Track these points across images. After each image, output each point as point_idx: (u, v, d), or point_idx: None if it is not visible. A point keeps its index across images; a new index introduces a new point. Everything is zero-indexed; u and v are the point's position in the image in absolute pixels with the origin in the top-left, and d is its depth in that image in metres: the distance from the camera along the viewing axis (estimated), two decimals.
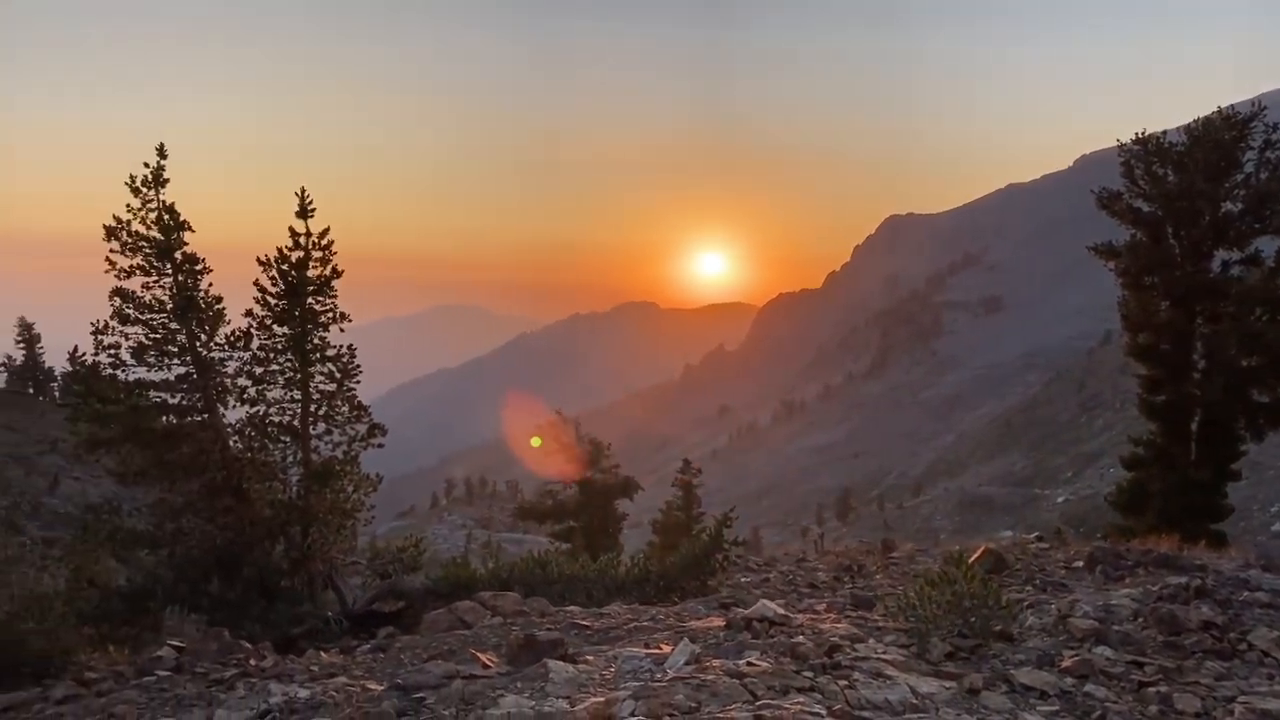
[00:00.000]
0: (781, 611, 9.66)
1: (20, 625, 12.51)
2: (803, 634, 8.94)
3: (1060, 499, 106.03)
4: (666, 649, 8.54)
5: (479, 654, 7.98)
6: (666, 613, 11.58)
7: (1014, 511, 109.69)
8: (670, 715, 6.43)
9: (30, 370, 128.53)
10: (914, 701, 7.13)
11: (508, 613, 12.11)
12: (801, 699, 6.88)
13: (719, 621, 9.98)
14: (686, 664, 7.82)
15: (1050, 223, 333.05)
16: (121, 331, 13.82)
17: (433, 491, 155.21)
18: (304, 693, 7.32)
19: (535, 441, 15.44)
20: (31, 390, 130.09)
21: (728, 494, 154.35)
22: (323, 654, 10.74)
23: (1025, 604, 10.56)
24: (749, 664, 7.71)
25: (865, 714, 6.82)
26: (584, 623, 10.68)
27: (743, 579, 18.15)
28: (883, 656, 8.15)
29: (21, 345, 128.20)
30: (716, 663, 7.79)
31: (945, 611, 9.01)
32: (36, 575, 16.57)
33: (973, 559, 13.25)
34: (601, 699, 6.70)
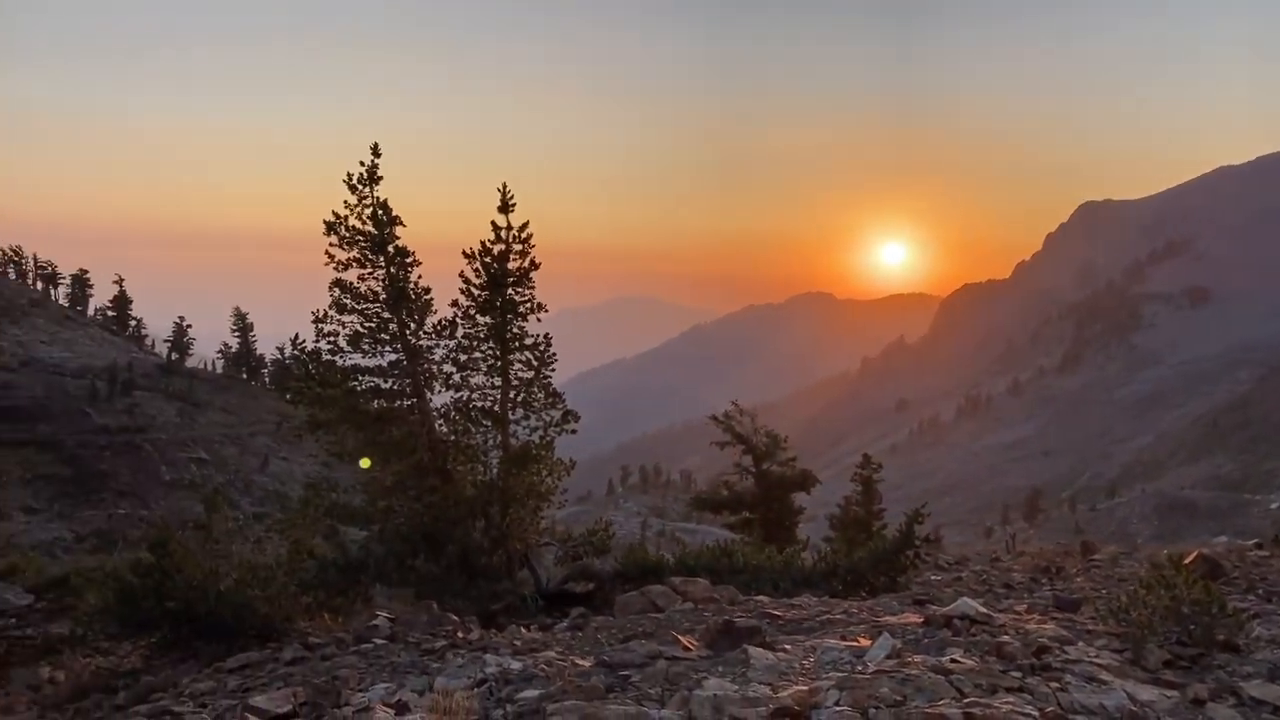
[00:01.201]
0: (983, 610, 9.41)
1: (247, 591, 13.60)
2: (1007, 634, 8.69)
3: (1275, 505, 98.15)
4: (864, 642, 8.48)
5: (680, 637, 8.16)
6: (859, 607, 11.47)
7: (1220, 517, 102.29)
8: (875, 707, 6.41)
9: (244, 357, 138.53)
10: (1132, 709, 6.82)
11: (698, 599, 12.29)
12: (1011, 699, 6.71)
13: (915, 618, 9.81)
14: (887, 658, 7.75)
15: (1267, 209, 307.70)
16: (339, 320, 14.81)
17: (609, 478, 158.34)
18: (516, 665, 7.68)
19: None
20: (245, 375, 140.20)
21: (907, 491, 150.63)
22: (523, 629, 11.22)
23: (1249, 613, 9.90)
24: (953, 661, 7.57)
25: (1079, 718, 6.59)
26: (775, 612, 10.71)
27: (933, 577, 17.75)
28: (1095, 660, 7.83)
29: (237, 334, 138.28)
30: (918, 658, 7.68)
31: (1162, 617, 8.56)
32: (254, 546, 17.90)
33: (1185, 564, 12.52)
34: (805, 687, 6.74)
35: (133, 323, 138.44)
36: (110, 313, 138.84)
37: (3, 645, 16.10)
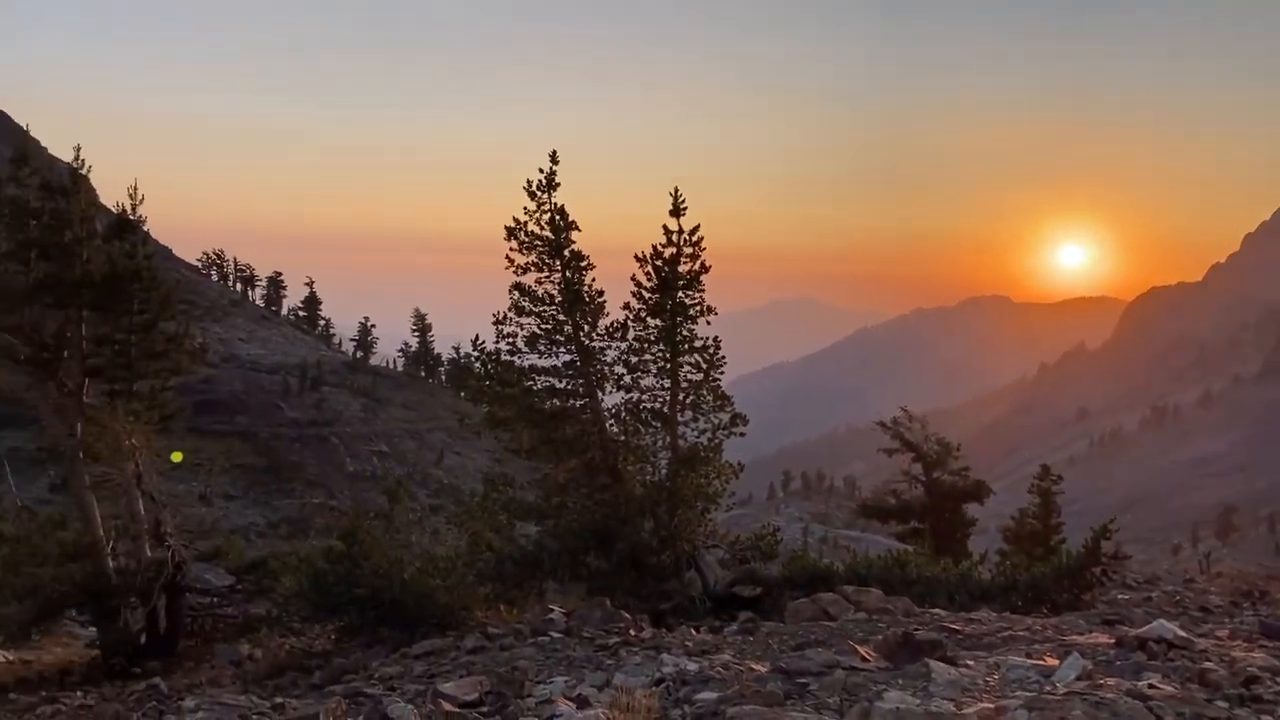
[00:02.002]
0: (1182, 634, 8.85)
1: (428, 581, 14.21)
2: (1210, 660, 8.15)
3: None
4: (1051, 661, 8.12)
5: (857, 646, 8.03)
6: (1043, 624, 10.99)
7: None
8: None
9: (423, 356, 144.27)
10: None
11: (871, 609, 12.05)
12: None
13: (1105, 638, 9.32)
14: (1078, 679, 7.39)
15: None
16: (517, 322, 15.31)
17: (770, 482, 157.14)
18: (692, 666, 7.74)
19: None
20: (423, 373, 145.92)
21: (1086, 505, 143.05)
22: (693, 631, 11.28)
23: None
24: (1150, 686, 7.15)
25: None
26: (953, 626, 10.39)
27: (1120, 596, 16.83)
28: None
29: (416, 333, 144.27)
30: (1111, 681, 7.29)
31: None
32: (432, 538, 18.65)
33: None
34: (991, 705, 6.50)
35: (322, 322, 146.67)
36: (302, 313, 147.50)
37: (208, 622, 17.37)
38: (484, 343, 15.95)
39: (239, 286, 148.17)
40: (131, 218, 17.55)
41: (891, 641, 8.16)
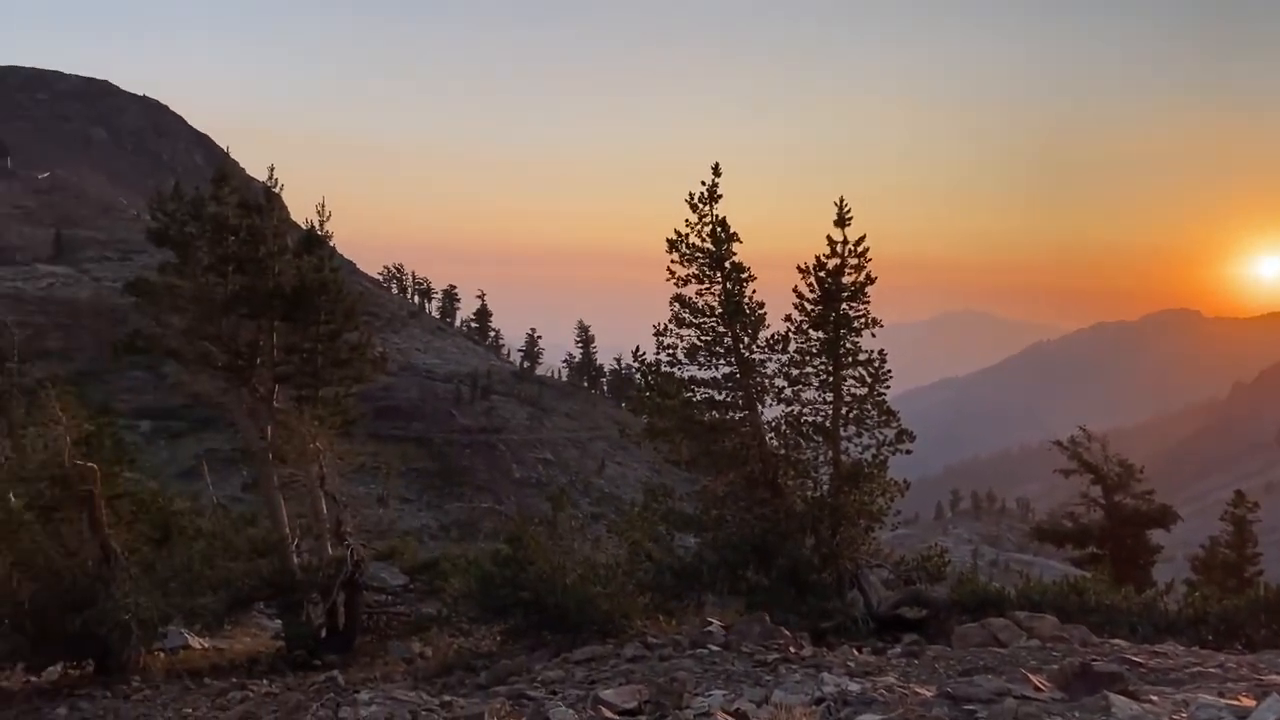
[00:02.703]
0: None
1: (590, 588, 14.40)
2: None
3: None
4: (1247, 701, 7.52)
5: (1029, 675, 7.66)
6: (1237, 661, 10.21)
7: None
8: None
9: (586, 366, 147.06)
10: None
11: (1045, 636, 11.50)
12: None
13: None
14: None
15: None
16: (677, 334, 15.41)
17: (937, 501, 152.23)
18: (854, 687, 7.57)
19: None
20: (586, 384, 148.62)
21: None
22: (855, 651, 11.04)
23: None
24: None
25: None
26: (1136, 659, 9.77)
27: None
28: None
29: (580, 345, 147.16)
30: None
31: None
32: (593, 545, 18.91)
33: None
34: None
35: (492, 333, 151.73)
36: (474, 324, 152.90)
37: (382, 619, 18.15)
38: (644, 354, 16.12)
39: (416, 299, 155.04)
40: (319, 233, 18.62)
41: (1068, 671, 7.75)
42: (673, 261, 15.41)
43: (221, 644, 18.82)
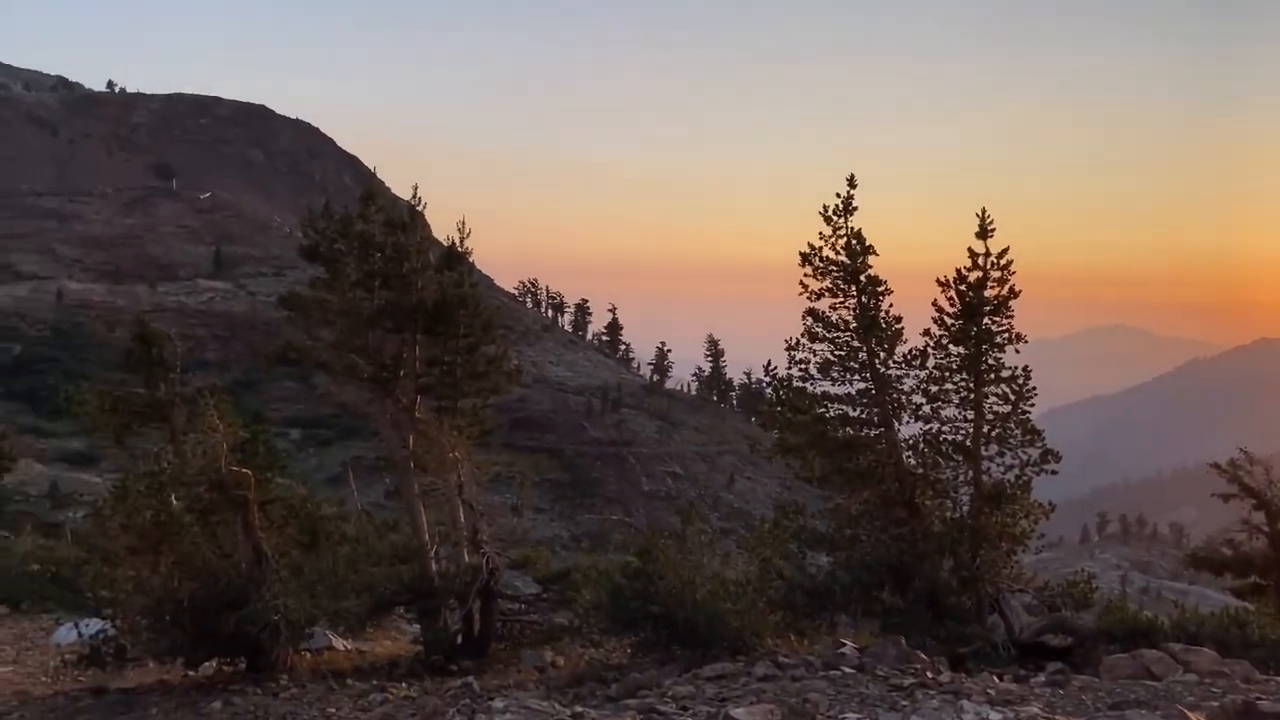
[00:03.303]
0: None
1: (720, 604, 14.32)
2: None
3: None
4: None
5: (1186, 711, 7.22)
6: None
7: None
8: None
9: (715, 380, 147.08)
10: None
11: (1203, 671, 10.82)
12: None
13: None
14: None
15: None
16: (810, 348, 15.19)
17: (1083, 524, 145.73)
18: (996, 715, 7.28)
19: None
20: (715, 398, 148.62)
21: None
22: (996, 678, 10.63)
23: None
24: None
25: None
26: None
27: None
28: None
29: (709, 359, 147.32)
30: None
31: None
32: (722, 561, 18.81)
33: None
34: None
35: (623, 347, 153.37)
36: (605, 337, 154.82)
37: (516, 627, 18.46)
38: (776, 369, 15.95)
39: (550, 312, 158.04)
40: (460, 249, 19.17)
41: (1230, 710, 7.28)
42: (806, 275, 15.22)
43: (363, 646, 19.46)
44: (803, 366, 15.27)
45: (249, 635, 13.56)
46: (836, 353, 15.16)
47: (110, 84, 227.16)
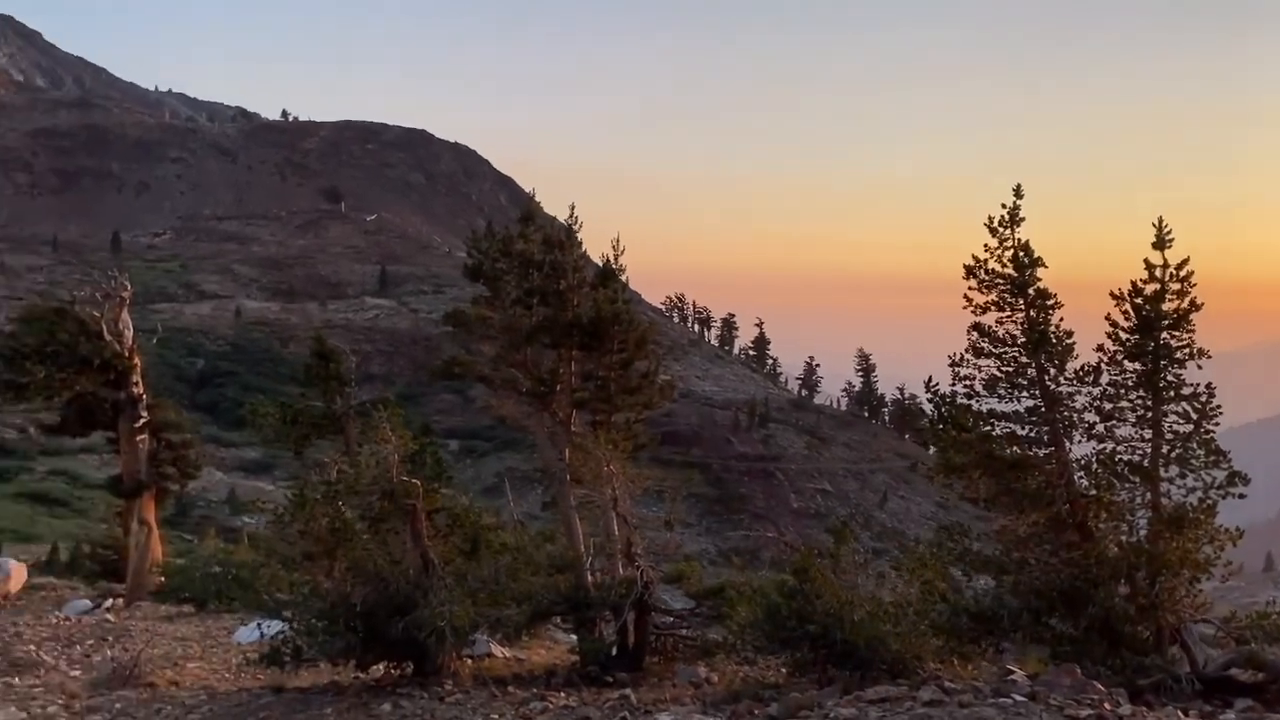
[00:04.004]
0: None
1: (879, 626, 14.01)
2: None
3: None
4: None
5: None
6: None
7: None
8: None
9: (866, 396, 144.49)
10: None
11: None
12: None
13: None
14: None
15: None
16: (975, 364, 14.69)
17: (1266, 552, 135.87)
18: None
19: None
20: (866, 414, 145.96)
21: None
22: (1181, 714, 10.04)
23: None
24: None
25: None
26: None
27: None
28: None
29: (860, 374, 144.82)
30: None
31: None
32: (876, 581, 18.41)
33: None
34: None
35: (770, 361, 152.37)
36: (751, 352, 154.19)
37: (669, 641, 18.54)
38: (937, 385, 15.52)
39: (696, 327, 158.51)
40: (614, 266, 19.53)
41: None
42: (970, 288, 14.77)
43: (521, 654, 19.92)
44: (967, 383, 14.78)
45: (416, 640, 14.07)
46: (1004, 368, 14.63)
47: (284, 113, 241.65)
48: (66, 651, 19.19)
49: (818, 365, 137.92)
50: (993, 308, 14.70)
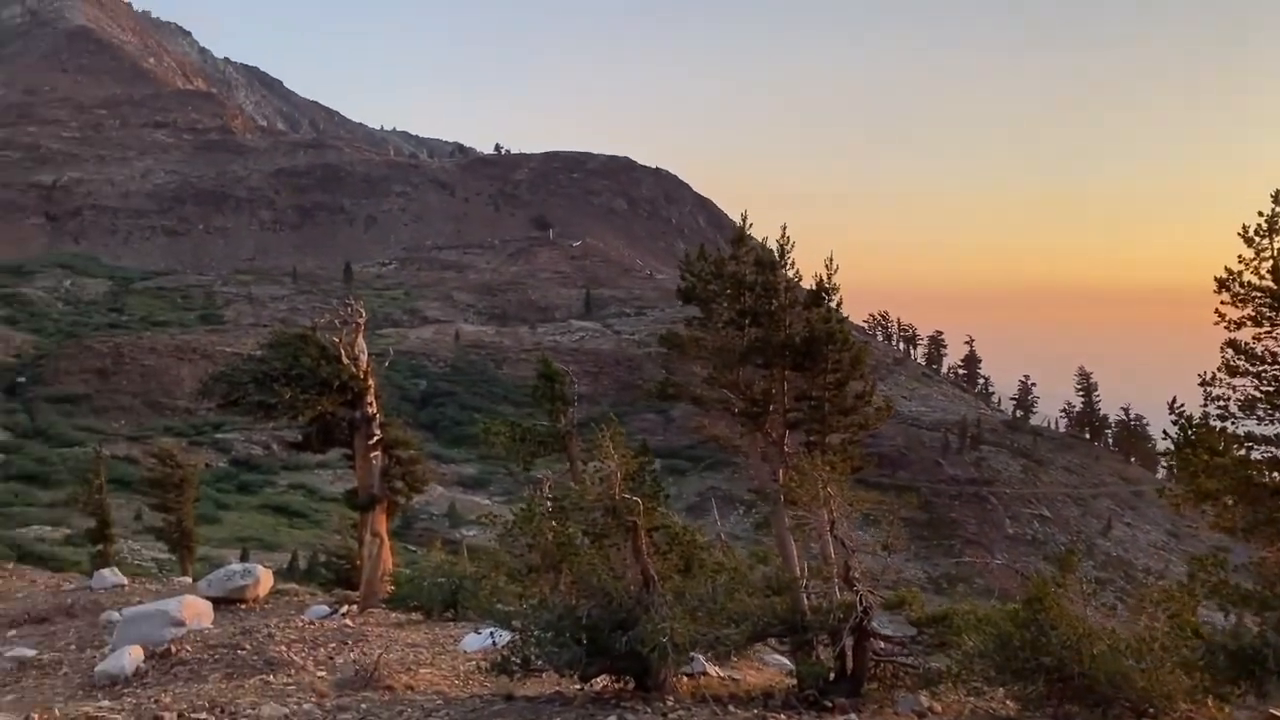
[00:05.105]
0: None
1: (1121, 661, 13.19)
2: None
3: None
4: None
5: None
6: None
7: None
8: None
9: (1088, 417, 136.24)
10: None
11: None
12: None
13: None
14: None
15: None
16: (1229, 383, 13.69)
17: None
18: None
19: None
20: (1087, 436, 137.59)
21: None
22: None
23: None
24: None
25: None
26: None
27: None
28: None
29: (1080, 393, 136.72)
30: None
31: None
32: (1106, 613, 17.32)
33: None
34: None
35: (981, 380, 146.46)
36: (961, 371, 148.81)
37: (888, 669, 18.07)
38: (1182, 405, 14.51)
39: (901, 345, 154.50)
40: (826, 286, 19.37)
41: None
42: (1223, 303, 13.78)
43: (734, 674, 19.92)
44: (1221, 404, 13.77)
45: (639, 655, 14.33)
46: (1263, 388, 13.54)
47: (497, 147, 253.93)
48: (312, 653, 20.62)
49: (1033, 384, 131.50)
50: (1249, 323, 13.66)
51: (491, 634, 17.35)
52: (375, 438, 27.99)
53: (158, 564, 59.34)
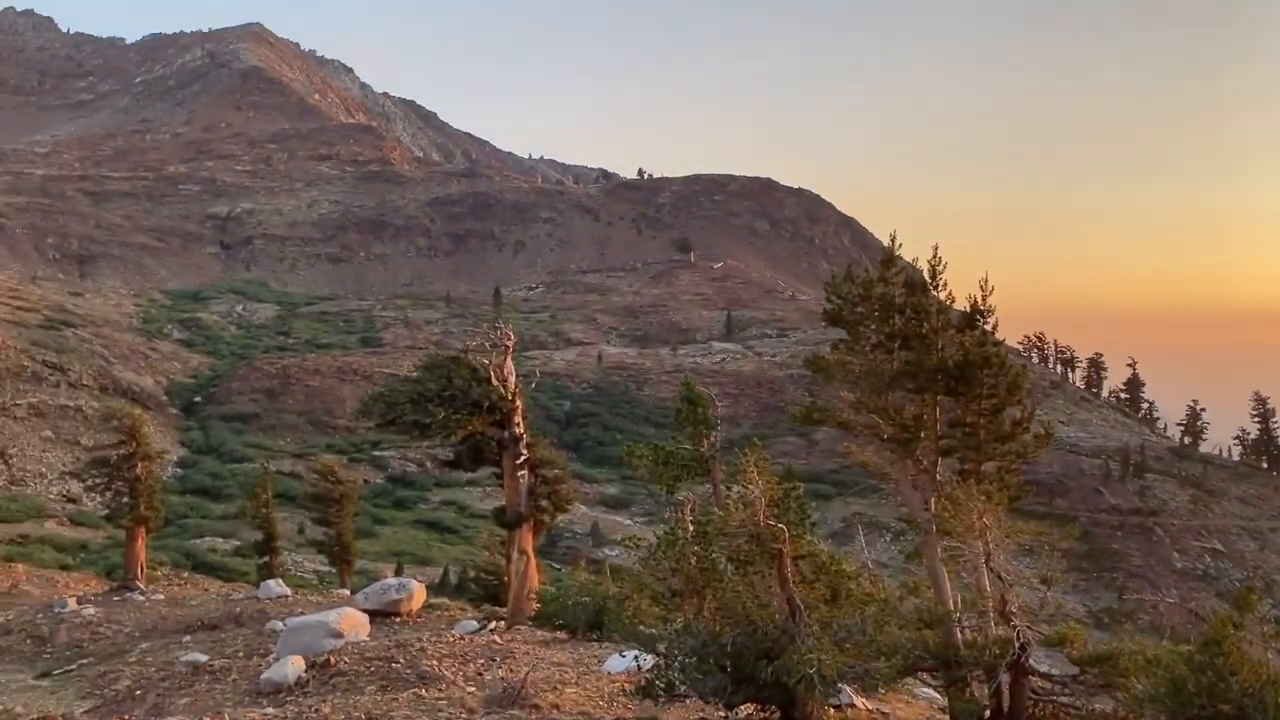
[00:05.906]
0: None
1: None
2: None
3: None
4: None
5: None
6: None
7: None
8: None
9: (1265, 444, 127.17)
10: None
11: None
12: None
13: None
14: None
15: None
16: None
17: None
18: None
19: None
20: (1265, 464, 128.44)
21: None
22: None
23: None
24: None
25: None
26: None
27: None
28: None
29: (1255, 418, 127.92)
30: None
31: None
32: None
33: None
34: None
35: (1144, 405, 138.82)
36: (1123, 395, 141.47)
37: (1048, 709, 17.24)
38: None
39: (1058, 368, 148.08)
40: (981, 308, 18.73)
41: None
42: None
43: (883, 707, 19.38)
44: None
45: (785, 685, 14.10)
46: None
47: (640, 171, 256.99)
48: (462, 668, 21.09)
49: (1203, 409, 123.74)
50: None
51: (635, 657, 17.35)
52: (523, 457, 28.56)
53: (318, 576, 62.09)
